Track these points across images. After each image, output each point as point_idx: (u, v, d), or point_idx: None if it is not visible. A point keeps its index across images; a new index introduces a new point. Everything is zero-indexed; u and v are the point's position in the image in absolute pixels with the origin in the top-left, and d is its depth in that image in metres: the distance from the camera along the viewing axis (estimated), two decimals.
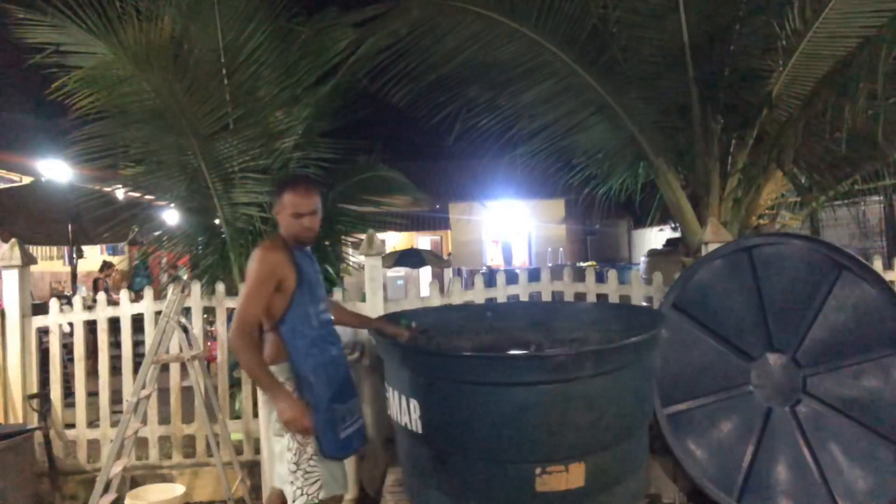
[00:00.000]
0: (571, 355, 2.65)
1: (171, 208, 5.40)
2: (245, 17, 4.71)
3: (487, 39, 4.64)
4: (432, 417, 2.66)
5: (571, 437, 2.52)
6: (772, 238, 3.79)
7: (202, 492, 4.21)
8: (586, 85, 4.67)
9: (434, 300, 4.37)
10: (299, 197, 2.55)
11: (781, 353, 3.47)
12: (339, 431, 2.52)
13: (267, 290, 2.42)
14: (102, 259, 11.39)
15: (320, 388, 2.49)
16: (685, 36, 4.34)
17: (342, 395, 2.59)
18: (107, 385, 4.35)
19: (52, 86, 4.54)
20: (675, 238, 7.20)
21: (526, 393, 2.50)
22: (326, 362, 2.55)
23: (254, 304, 2.40)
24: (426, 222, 21.30)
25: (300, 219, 2.55)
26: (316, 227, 2.64)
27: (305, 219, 2.56)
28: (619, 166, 5.48)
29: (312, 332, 2.53)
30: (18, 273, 4.31)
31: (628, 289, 4.38)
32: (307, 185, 2.63)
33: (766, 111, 4.41)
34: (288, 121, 5.05)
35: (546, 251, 20.36)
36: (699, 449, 3.40)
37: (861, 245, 9.65)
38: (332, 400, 2.52)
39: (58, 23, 4.29)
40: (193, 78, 4.65)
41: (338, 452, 2.52)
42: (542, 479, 2.50)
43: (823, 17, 3.96)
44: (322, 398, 2.48)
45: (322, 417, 2.46)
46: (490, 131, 5.12)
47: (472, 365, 2.66)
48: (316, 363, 2.51)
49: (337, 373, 2.60)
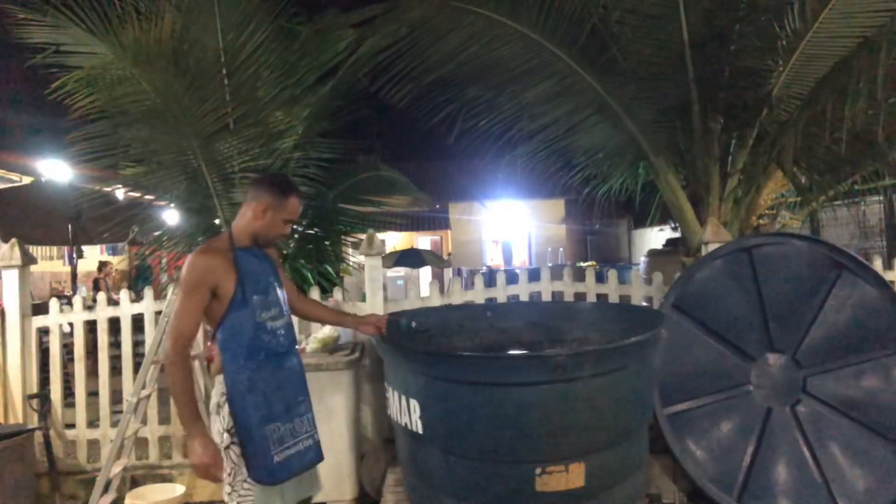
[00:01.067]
0: (571, 355, 2.65)
1: (171, 208, 5.39)
2: (245, 17, 4.71)
3: (487, 39, 4.64)
4: (432, 417, 2.66)
5: (571, 437, 2.52)
6: (772, 238, 3.79)
7: (202, 492, 4.21)
8: (586, 85, 4.67)
9: (434, 300, 4.37)
10: (298, 205, 2.43)
11: (781, 353, 3.47)
12: (271, 455, 2.22)
13: (200, 298, 2.21)
14: (99, 259, 11.39)
15: (253, 404, 2.23)
16: (685, 36, 4.34)
17: (286, 412, 2.32)
18: (107, 385, 4.35)
19: (52, 86, 4.55)
20: (675, 238, 7.20)
21: (526, 393, 2.49)
22: (266, 376, 2.29)
23: (186, 316, 2.21)
24: (426, 222, 21.30)
25: (287, 225, 2.43)
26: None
27: (289, 226, 2.46)
28: (619, 166, 5.49)
29: (252, 342, 2.27)
30: (18, 273, 4.31)
31: (628, 289, 4.38)
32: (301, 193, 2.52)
33: (766, 111, 4.41)
34: (288, 121, 5.06)
35: (546, 251, 20.36)
36: (699, 449, 3.40)
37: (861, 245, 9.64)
38: (266, 419, 2.24)
39: (58, 23, 4.30)
40: (193, 78, 4.65)
41: (268, 478, 2.22)
42: (542, 479, 2.50)
43: (823, 17, 3.96)
44: (253, 417, 2.22)
45: (252, 438, 2.21)
46: (490, 131, 5.12)
47: (472, 365, 2.65)
48: (252, 376, 2.25)
49: (280, 387, 2.32)
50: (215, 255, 2.27)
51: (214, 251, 2.29)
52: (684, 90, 4.57)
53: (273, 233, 2.41)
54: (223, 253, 2.29)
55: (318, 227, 5.58)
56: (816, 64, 4.18)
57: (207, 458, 2.13)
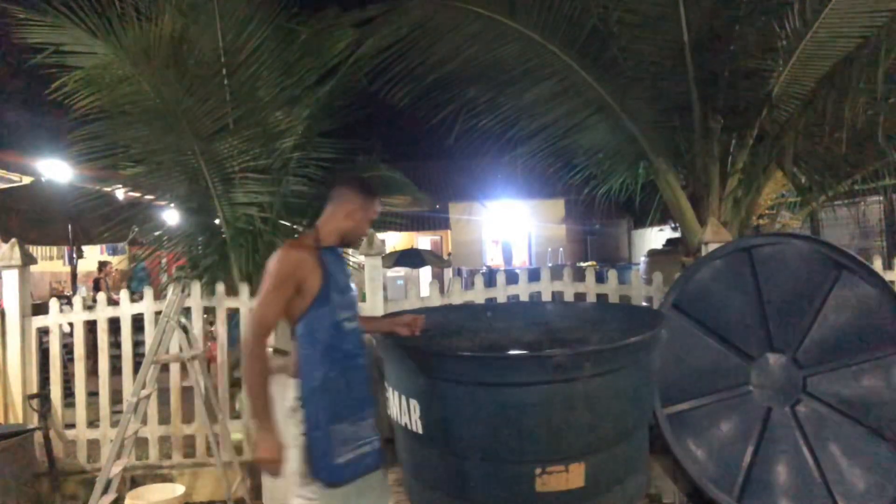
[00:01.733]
0: (571, 355, 2.65)
1: (171, 208, 5.39)
2: (245, 17, 4.71)
3: (487, 39, 4.64)
4: (432, 417, 2.66)
5: (571, 437, 2.52)
6: (772, 238, 3.79)
7: (202, 492, 4.21)
8: (586, 85, 4.68)
9: (434, 300, 4.37)
10: (378, 202, 2.51)
11: (781, 353, 3.47)
12: (334, 456, 2.24)
13: (286, 292, 2.24)
14: (99, 259, 11.39)
15: (323, 403, 2.25)
16: (685, 36, 4.34)
17: (353, 413, 2.32)
18: (107, 385, 4.35)
19: (52, 86, 4.55)
20: (675, 238, 7.20)
21: (526, 393, 2.49)
22: (337, 375, 2.30)
23: (271, 307, 2.24)
24: (426, 222, 21.28)
25: (369, 225, 2.51)
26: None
27: (369, 225, 2.53)
28: (619, 166, 5.48)
29: (329, 341, 2.30)
30: (18, 273, 4.31)
31: (628, 289, 4.38)
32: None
33: (766, 111, 4.41)
34: (288, 121, 5.05)
35: (546, 251, 20.34)
36: (699, 449, 3.40)
37: (861, 245, 9.64)
38: (334, 420, 2.26)
39: (58, 23, 4.30)
40: (193, 78, 4.65)
41: (329, 478, 2.24)
42: (542, 480, 2.50)
43: (823, 17, 3.96)
44: (322, 416, 2.24)
45: (318, 437, 2.24)
46: (490, 131, 5.12)
47: (472, 365, 2.65)
48: (326, 375, 2.27)
49: (350, 388, 2.34)
50: (305, 251, 2.31)
51: (304, 247, 2.33)
52: (684, 90, 4.57)
53: (360, 232, 2.48)
54: (311, 250, 2.32)
55: None
56: (816, 64, 4.19)
57: (272, 454, 2.18)
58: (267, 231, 4.91)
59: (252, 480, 4.06)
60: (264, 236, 4.90)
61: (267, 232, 4.91)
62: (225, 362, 4.35)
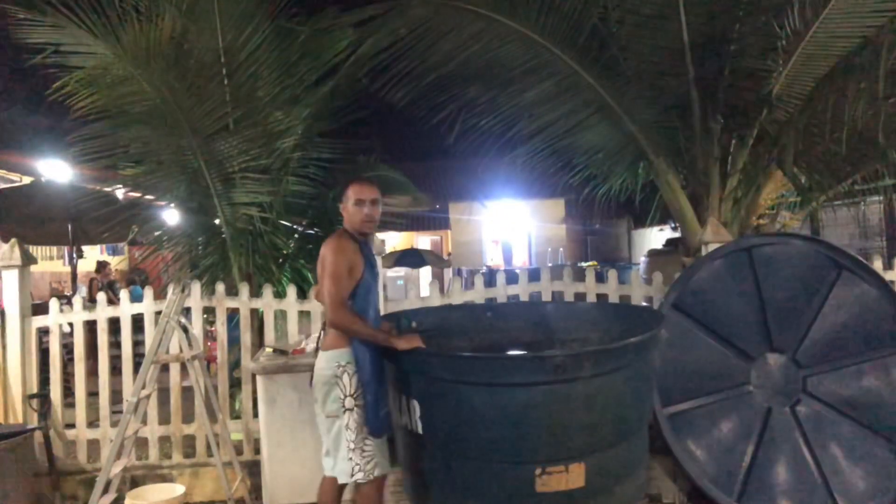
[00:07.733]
0: (571, 356, 2.65)
1: (171, 208, 5.39)
2: (245, 17, 4.71)
3: (487, 39, 4.64)
4: (432, 417, 2.67)
5: (571, 437, 2.53)
6: (772, 238, 3.80)
7: (202, 492, 4.21)
8: (586, 85, 4.67)
9: (434, 300, 4.37)
10: (360, 186, 2.82)
11: (781, 353, 3.47)
12: (380, 409, 2.73)
13: (345, 271, 2.67)
14: (98, 259, 11.38)
15: (371, 368, 2.71)
16: (685, 36, 4.34)
17: (382, 377, 2.80)
18: (107, 385, 4.36)
19: (53, 86, 4.54)
20: (675, 238, 7.20)
21: (526, 393, 2.49)
22: (374, 346, 2.74)
23: (341, 283, 2.66)
24: (426, 222, 21.26)
25: (361, 207, 2.78)
26: (376, 218, 2.87)
27: (365, 206, 2.79)
28: (619, 166, 5.48)
29: (367, 316, 2.76)
30: (18, 273, 4.31)
31: (628, 289, 4.38)
32: (367, 179, 2.95)
33: (766, 111, 4.40)
34: (288, 121, 5.05)
35: (546, 251, 20.34)
36: (699, 449, 3.40)
37: (861, 245, 9.64)
38: (377, 380, 2.73)
39: (58, 23, 4.29)
40: (193, 78, 4.65)
41: (379, 430, 2.72)
42: (542, 480, 2.50)
43: (823, 17, 3.95)
44: (372, 376, 2.71)
45: (370, 392, 2.69)
46: (490, 131, 5.12)
47: (472, 365, 2.66)
48: (369, 345, 2.71)
49: (379, 357, 2.79)
50: (351, 240, 2.77)
51: (349, 237, 2.79)
52: (684, 90, 4.57)
53: (356, 219, 2.81)
54: (354, 240, 2.78)
55: (318, 227, 5.58)
56: (816, 64, 4.18)
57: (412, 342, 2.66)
58: (267, 231, 4.91)
59: (252, 480, 4.07)
60: (264, 236, 4.91)
61: (267, 232, 4.91)
62: (225, 362, 4.35)
